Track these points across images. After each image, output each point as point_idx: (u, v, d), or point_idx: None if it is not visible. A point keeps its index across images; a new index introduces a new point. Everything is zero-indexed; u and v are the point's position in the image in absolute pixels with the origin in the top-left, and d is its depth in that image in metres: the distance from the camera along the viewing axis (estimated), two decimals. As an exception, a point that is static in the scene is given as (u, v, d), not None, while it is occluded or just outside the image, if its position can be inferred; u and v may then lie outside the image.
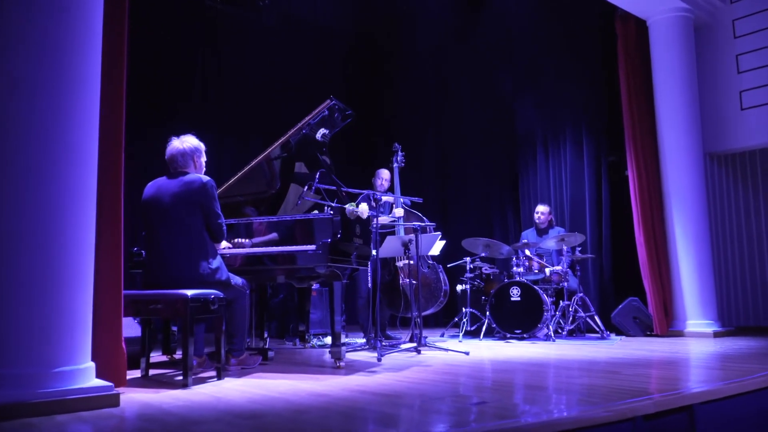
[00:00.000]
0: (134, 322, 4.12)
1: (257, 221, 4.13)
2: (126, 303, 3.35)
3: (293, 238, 3.95)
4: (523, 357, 4.44)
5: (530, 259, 6.28)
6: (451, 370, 3.76)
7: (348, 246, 3.91)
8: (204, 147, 3.78)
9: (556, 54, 7.51)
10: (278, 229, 4.02)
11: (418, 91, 8.78)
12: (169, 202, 3.48)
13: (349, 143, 8.71)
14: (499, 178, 8.26)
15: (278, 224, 4.04)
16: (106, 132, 2.98)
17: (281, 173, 4.88)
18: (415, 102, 8.80)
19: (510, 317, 5.92)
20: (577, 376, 3.49)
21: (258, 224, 4.14)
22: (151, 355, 4.19)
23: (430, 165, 8.71)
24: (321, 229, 3.86)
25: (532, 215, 7.10)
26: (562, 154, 7.54)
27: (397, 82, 8.94)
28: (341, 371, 3.72)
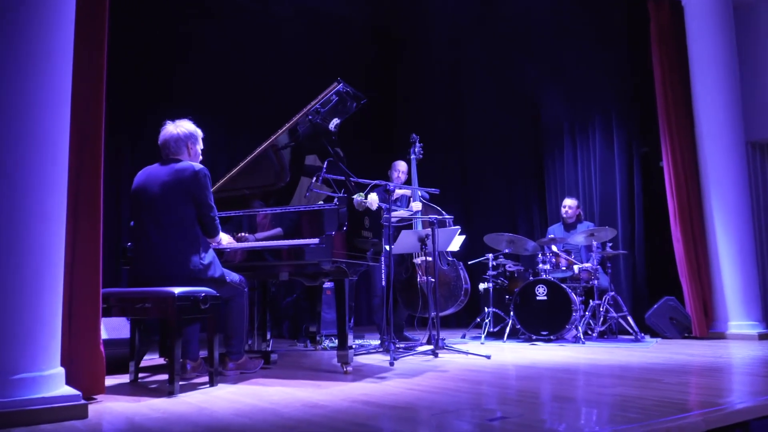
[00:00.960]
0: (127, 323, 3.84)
1: (257, 214, 3.81)
2: (112, 302, 3.08)
3: (296, 231, 3.62)
4: (550, 361, 4.06)
5: (557, 255, 5.88)
6: (469, 376, 3.40)
7: (356, 240, 3.57)
8: (201, 134, 3.47)
9: (581, 39, 7.08)
10: (281, 223, 3.70)
11: (437, 81, 8.41)
12: (157, 192, 3.18)
13: (365, 135, 8.38)
14: (524, 171, 7.84)
15: (280, 217, 3.72)
16: (83, 118, 2.70)
17: (291, 165, 4.56)
18: (433, 92, 8.43)
19: (536, 318, 5.53)
20: (611, 384, 3.10)
21: (260, 217, 3.82)
22: (145, 357, 3.95)
23: (451, 157, 8.33)
24: (325, 222, 3.52)
25: (558, 209, 6.67)
26: (590, 145, 7.11)
27: (415, 72, 8.57)
28: (348, 377, 3.39)
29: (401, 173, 5.95)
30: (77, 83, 2.65)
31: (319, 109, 4.42)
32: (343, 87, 4.13)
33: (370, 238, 3.78)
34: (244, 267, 3.67)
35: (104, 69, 2.86)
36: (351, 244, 3.52)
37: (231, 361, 3.50)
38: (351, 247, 3.52)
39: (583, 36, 7.07)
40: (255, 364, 3.63)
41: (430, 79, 8.41)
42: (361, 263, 3.65)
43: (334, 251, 3.34)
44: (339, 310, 3.55)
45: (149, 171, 3.29)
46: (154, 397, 2.78)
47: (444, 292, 5.55)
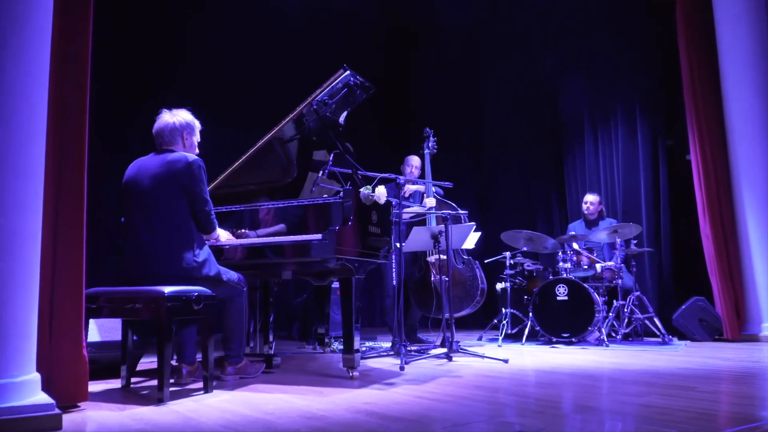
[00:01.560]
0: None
1: (258, 209, 3.60)
2: (102, 302, 2.88)
3: (298, 227, 3.41)
4: (572, 366, 3.79)
5: (578, 253, 5.60)
6: (485, 382, 3.15)
7: (362, 236, 3.34)
8: (199, 125, 3.26)
9: (602, 27, 6.79)
10: (283, 218, 3.48)
11: (453, 73, 8.17)
12: (148, 185, 2.97)
13: (378, 129, 8.17)
14: (543, 166, 7.54)
15: (282, 212, 3.51)
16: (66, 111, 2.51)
17: (299, 160, 4.34)
18: (449, 85, 8.18)
19: (556, 319, 5.25)
20: (637, 393, 2.83)
21: (261, 213, 3.62)
22: (144, 360, 3.76)
23: (466, 152, 8.05)
24: (328, 216, 3.30)
25: (579, 206, 6.39)
26: (612, 138, 6.80)
27: (429, 63, 8.33)
28: (354, 383, 3.15)
29: (414, 168, 5.72)
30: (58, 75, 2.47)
31: (326, 100, 4.21)
32: (351, 75, 3.91)
33: (378, 234, 3.55)
34: (245, 265, 3.45)
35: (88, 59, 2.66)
36: (357, 240, 3.29)
37: (230, 365, 3.28)
38: (357, 243, 3.29)
39: (604, 23, 6.78)
40: (256, 368, 3.42)
41: (446, 71, 8.18)
42: (369, 261, 3.42)
43: (339, 248, 3.11)
44: (345, 311, 3.32)
45: (141, 162, 3.08)
46: (141, 405, 2.58)
47: (459, 292, 5.30)
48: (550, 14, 7.26)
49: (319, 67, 6.94)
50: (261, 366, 3.47)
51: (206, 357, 2.90)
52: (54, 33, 2.45)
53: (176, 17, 6.34)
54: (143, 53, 6.05)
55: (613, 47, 6.72)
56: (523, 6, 7.46)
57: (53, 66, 2.44)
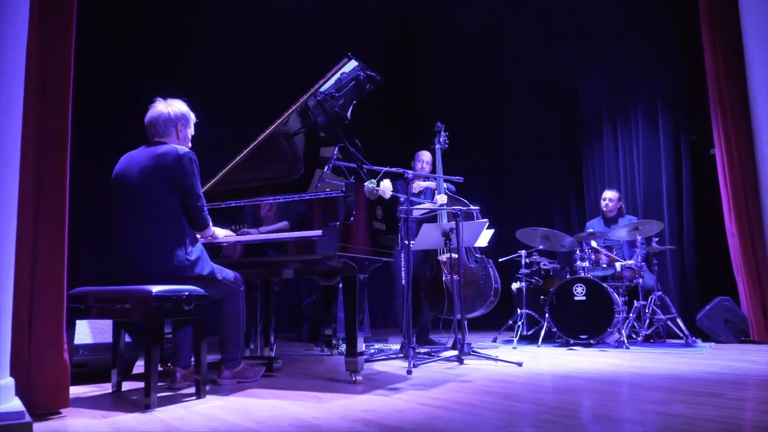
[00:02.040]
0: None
1: (257, 205, 3.44)
2: (91, 302, 2.73)
3: (299, 222, 3.23)
4: (590, 370, 3.58)
5: (597, 251, 5.36)
6: (496, 388, 2.95)
7: (366, 233, 3.17)
8: (194, 117, 3.10)
9: (622, 19, 6.55)
10: (283, 214, 3.31)
11: (467, 67, 7.94)
12: (137, 180, 2.82)
13: (388, 124, 7.98)
14: (560, 161, 7.30)
15: (282, 207, 3.34)
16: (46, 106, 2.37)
17: (306, 156, 4.17)
18: (463, 79, 7.95)
19: (574, 320, 5.03)
20: (660, 400, 2.62)
21: (260, 209, 3.45)
22: (138, 363, 3.61)
23: (481, 147, 7.83)
24: (330, 212, 3.13)
25: (598, 203, 6.15)
26: (633, 133, 6.55)
27: (442, 57, 8.10)
28: (357, 388, 2.98)
29: (425, 164, 5.52)
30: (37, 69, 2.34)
31: (333, 93, 4.07)
32: (359, 67, 3.74)
33: (383, 231, 3.37)
34: (243, 263, 3.29)
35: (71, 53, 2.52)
36: (360, 237, 3.12)
37: (227, 368, 3.12)
38: (360, 240, 3.11)
39: (623, 15, 6.54)
40: (255, 372, 3.25)
41: (460, 64, 7.96)
42: (373, 259, 3.24)
43: (340, 244, 2.93)
44: (348, 311, 3.14)
45: (130, 156, 2.93)
46: (126, 413, 2.42)
47: (472, 292, 5.10)
48: (568, 6, 7.02)
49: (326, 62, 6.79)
50: (261, 370, 3.31)
51: (198, 360, 2.74)
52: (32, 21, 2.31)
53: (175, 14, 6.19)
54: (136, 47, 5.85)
55: (633, 39, 6.47)
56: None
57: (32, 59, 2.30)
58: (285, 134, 4.09)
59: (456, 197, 5.28)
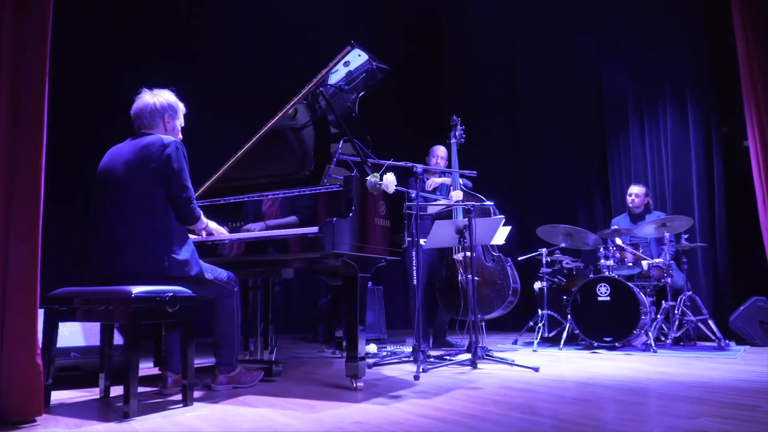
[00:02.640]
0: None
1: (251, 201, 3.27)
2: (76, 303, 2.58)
3: (296, 219, 3.06)
4: (613, 376, 3.33)
5: (622, 249, 5.08)
6: (507, 396, 2.73)
7: (367, 229, 2.97)
8: (183, 108, 2.94)
9: (647, 5, 6.22)
10: (286, 212, 3.14)
11: (484, 57, 7.65)
12: (122, 173, 2.67)
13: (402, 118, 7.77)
14: (584, 156, 6.99)
15: (286, 204, 3.16)
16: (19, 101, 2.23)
17: (316, 152, 3.99)
18: (480, 70, 7.68)
19: (597, 321, 4.77)
20: (689, 412, 2.37)
21: (265, 206, 3.28)
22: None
23: (499, 141, 7.56)
24: (326, 207, 2.95)
25: (624, 198, 5.86)
26: (661, 125, 6.23)
27: (458, 47, 7.83)
28: (356, 395, 2.78)
29: (440, 159, 5.31)
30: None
31: (343, 86, 3.89)
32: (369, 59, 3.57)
33: (388, 228, 3.16)
34: (239, 262, 3.13)
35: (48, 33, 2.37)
36: (361, 234, 2.92)
37: (221, 373, 2.96)
38: (360, 237, 2.92)
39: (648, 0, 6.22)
40: (252, 376, 3.08)
41: (476, 55, 7.67)
42: (375, 257, 3.04)
43: (338, 242, 2.74)
44: (348, 313, 2.95)
45: (115, 149, 2.78)
46: (101, 422, 2.26)
47: (489, 292, 4.87)
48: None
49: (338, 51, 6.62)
50: (259, 374, 3.13)
51: (185, 365, 2.57)
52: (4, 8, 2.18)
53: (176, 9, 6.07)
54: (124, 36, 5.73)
55: (658, 24, 6.15)
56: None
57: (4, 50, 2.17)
58: (293, 129, 3.92)
59: (472, 193, 5.05)
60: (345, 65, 3.59)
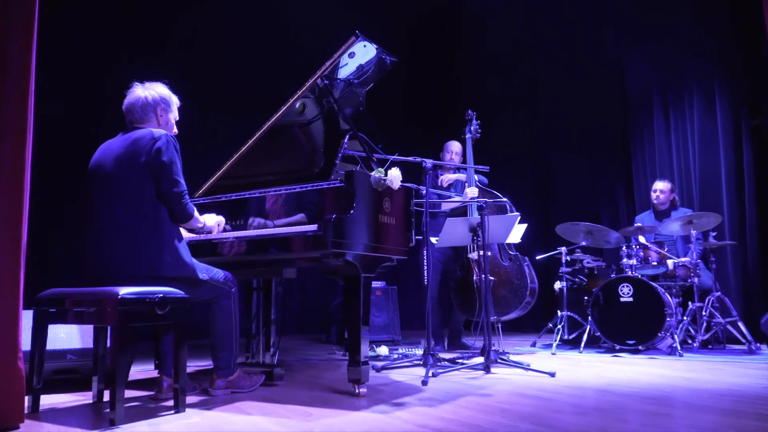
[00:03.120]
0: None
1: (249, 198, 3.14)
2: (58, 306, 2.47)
3: (296, 216, 2.92)
4: (636, 382, 3.13)
5: (646, 248, 4.86)
6: (518, 404, 2.55)
7: (369, 227, 2.82)
8: (177, 101, 2.82)
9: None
10: (291, 209, 3.00)
11: (500, 48, 7.43)
12: (111, 169, 2.55)
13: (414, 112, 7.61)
14: (606, 150, 6.77)
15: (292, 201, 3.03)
16: None
17: (327, 148, 3.85)
18: (495, 61, 7.47)
19: (620, 323, 4.56)
20: (716, 425, 2.17)
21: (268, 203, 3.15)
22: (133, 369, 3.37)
23: (517, 136, 7.37)
24: (327, 204, 2.80)
25: (649, 195, 5.62)
26: (687, 118, 5.98)
27: (473, 38, 7.62)
28: (357, 402, 2.64)
29: (455, 155, 5.14)
30: None
31: (353, 80, 3.76)
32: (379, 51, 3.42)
33: (393, 225, 3.01)
34: (236, 262, 3.01)
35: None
36: (363, 232, 2.77)
37: (219, 378, 2.83)
38: (363, 236, 2.77)
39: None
40: (252, 381, 2.95)
41: (493, 47, 7.45)
42: (379, 256, 2.88)
43: (336, 240, 2.59)
44: (351, 315, 2.80)
45: (106, 145, 2.67)
46: (87, 429, 2.15)
47: (505, 292, 4.69)
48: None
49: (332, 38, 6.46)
50: (259, 379, 3.00)
51: (177, 370, 2.45)
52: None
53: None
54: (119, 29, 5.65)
55: (685, 14, 5.90)
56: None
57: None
58: (301, 124, 3.79)
59: (488, 190, 4.88)
60: (350, 56, 3.44)
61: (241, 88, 6.41)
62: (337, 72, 3.58)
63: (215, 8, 6.30)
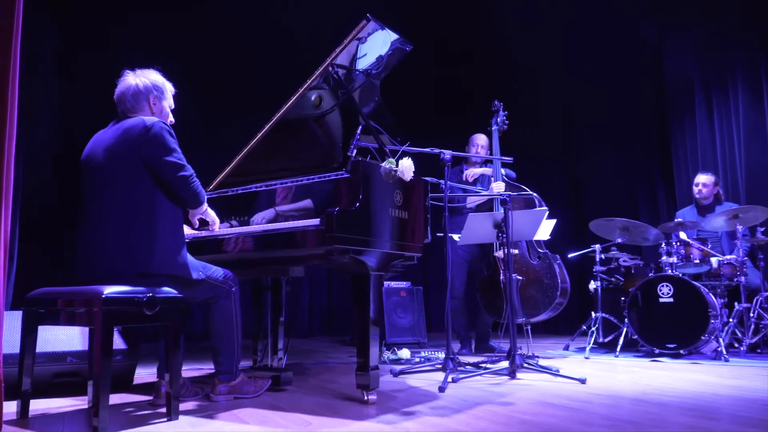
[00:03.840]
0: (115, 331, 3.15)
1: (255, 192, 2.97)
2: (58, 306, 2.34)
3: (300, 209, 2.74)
4: (675, 390, 2.85)
5: (688, 244, 4.54)
6: (539, 416, 2.31)
7: (377, 221, 2.61)
8: (172, 88, 2.66)
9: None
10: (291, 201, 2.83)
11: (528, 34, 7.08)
12: (101, 160, 2.41)
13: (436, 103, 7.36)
14: (644, 143, 6.42)
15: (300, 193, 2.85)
16: None
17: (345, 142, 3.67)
18: (523, 48, 7.12)
19: (659, 325, 4.25)
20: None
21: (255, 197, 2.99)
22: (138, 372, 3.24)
23: (549, 127, 7.05)
24: (331, 197, 2.61)
25: (690, 189, 5.28)
26: (731, 106, 5.60)
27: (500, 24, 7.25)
28: (364, 410, 2.43)
29: (480, 148, 4.90)
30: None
31: (370, 71, 3.57)
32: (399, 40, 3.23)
33: (405, 220, 2.80)
34: (240, 261, 2.84)
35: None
36: (371, 226, 2.57)
37: (220, 382, 2.66)
38: (371, 231, 2.56)
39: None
40: (257, 386, 2.78)
41: (521, 33, 7.10)
42: (389, 253, 2.68)
43: (339, 235, 2.39)
44: (359, 317, 2.60)
45: (98, 135, 2.52)
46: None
47: (534, 292, 4.43)
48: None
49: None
50: (265, 384, 2.83)
51: (171, 374, 2.29)
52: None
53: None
54: None
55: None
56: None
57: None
58: (317, 117, 3.61)
59: (516, 184, 4.62)
60: (362, 42, 3.25)
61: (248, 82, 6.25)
62: (356, 63, 3.40)
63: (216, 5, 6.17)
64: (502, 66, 7.21)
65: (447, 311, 3.31)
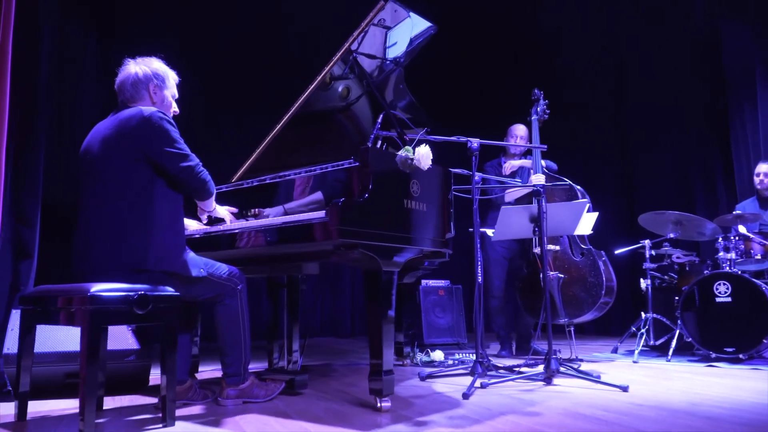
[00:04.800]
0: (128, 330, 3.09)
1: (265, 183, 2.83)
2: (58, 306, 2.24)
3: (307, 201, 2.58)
4: (729, 401, 2.55)
5: (748, 239, 4.16)
6: (567, 429, 2.07)
7: (389, 214, 2.42)
8: (175, 76, 2.54)
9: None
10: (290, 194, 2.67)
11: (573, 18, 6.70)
12: (98, 152, 2.30)
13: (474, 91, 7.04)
14: (700, 132, 5.97)
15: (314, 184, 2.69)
16: None
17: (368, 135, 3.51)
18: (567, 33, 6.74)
19: (716, 327, 3.90)
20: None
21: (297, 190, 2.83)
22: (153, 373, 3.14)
23: (596, 117, 6.66)
24: (339, 188, 2.43)
25: (752, 180, 4.86)
26: (796, 91, 5.13)
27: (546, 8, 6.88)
28: (377, 418, 2.25)
29: (519, 139, 4.63)
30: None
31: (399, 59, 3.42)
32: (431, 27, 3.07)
33: (424, 213, 2.59)
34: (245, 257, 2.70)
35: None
36: (382, 219, 2.38)
37: (228, 386, 2.53)
38: (382, 223, 2.37)
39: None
40: (269, 390, 2.63)
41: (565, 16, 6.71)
42: (404, 248, 2.48)
43: (343, 228, 2.21)
44: (372, 317, 2.41)
45: (97, 127, 2.42)
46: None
47: (578, 291, 4.14)
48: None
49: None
50: (277, 387, 2.67)
51: (169, 377, 2.16)
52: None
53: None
54: None
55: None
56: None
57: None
58: (342, 109, 3.46)
59: (557, 177, 4.32)
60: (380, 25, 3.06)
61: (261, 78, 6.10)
62: (375, 47, 3.22)
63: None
64: (549, 53, 6.86)
65: (476, 310, 3.08)
